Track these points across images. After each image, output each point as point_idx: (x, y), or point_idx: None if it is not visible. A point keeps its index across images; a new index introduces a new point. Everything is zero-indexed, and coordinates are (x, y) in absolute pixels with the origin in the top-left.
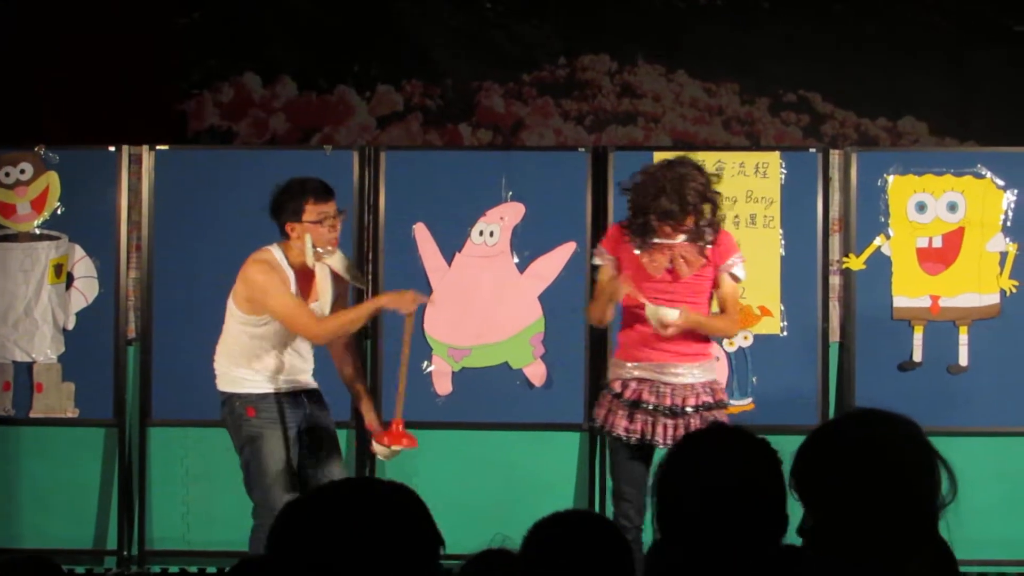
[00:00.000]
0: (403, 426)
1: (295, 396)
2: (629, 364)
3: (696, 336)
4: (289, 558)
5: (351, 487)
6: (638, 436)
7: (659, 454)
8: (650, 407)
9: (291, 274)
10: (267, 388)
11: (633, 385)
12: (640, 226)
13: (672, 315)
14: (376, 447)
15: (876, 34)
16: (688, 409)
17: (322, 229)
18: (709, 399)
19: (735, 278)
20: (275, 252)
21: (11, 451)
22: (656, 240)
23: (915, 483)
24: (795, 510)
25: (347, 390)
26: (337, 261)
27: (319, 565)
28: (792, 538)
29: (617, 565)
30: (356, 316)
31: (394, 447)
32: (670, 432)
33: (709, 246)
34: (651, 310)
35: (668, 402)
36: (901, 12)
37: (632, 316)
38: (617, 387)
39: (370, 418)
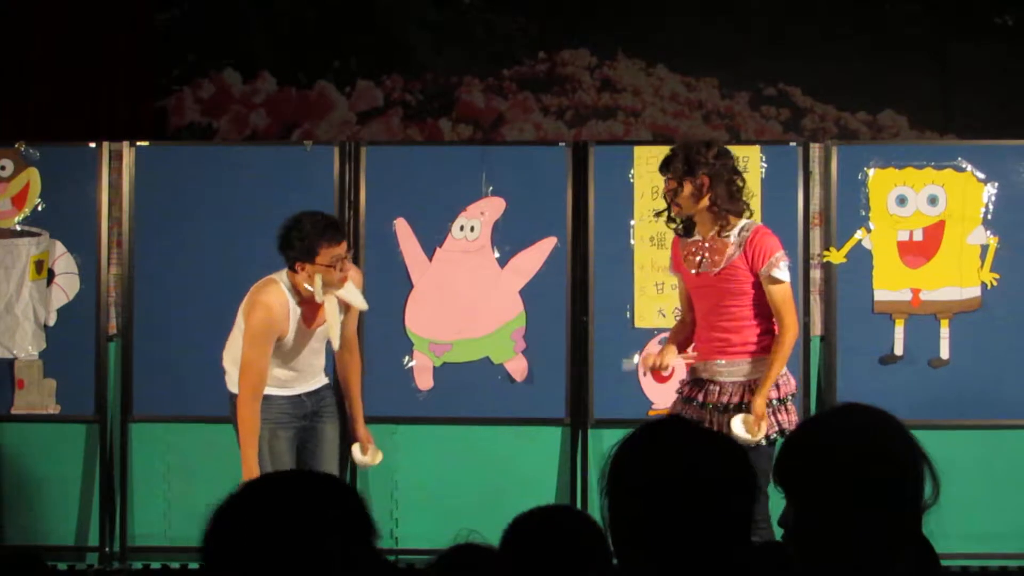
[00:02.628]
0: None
1: (293, 398)
2: (695, 365)
3: (741, 331)
4: (222, 559)
5: (275, 481)
6: None
7: None
8: (703, 405)
9: (295, 310)
10: (266, 391)
11: (690, 384)
12: (677, 219)
13: (753, 436)
14: (357, 455)
15: (856, 27)
16: (731, 406)
17: (334, 272)
18: (752, 397)
19: (775, 280)
20: (283, 283)
21: None
22: (694, 237)
23: (900, 480)
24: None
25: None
26: (344, 292)
27: (252, 558)
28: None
29: (597, 559)
30: (243, 444)
31: (374, 459)
32: (714, 429)
33: (731, 240)
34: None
35: (715, 399)
36: (881, 5)
37: (697, 315)
38: (681, 385)
39: (359, 427)
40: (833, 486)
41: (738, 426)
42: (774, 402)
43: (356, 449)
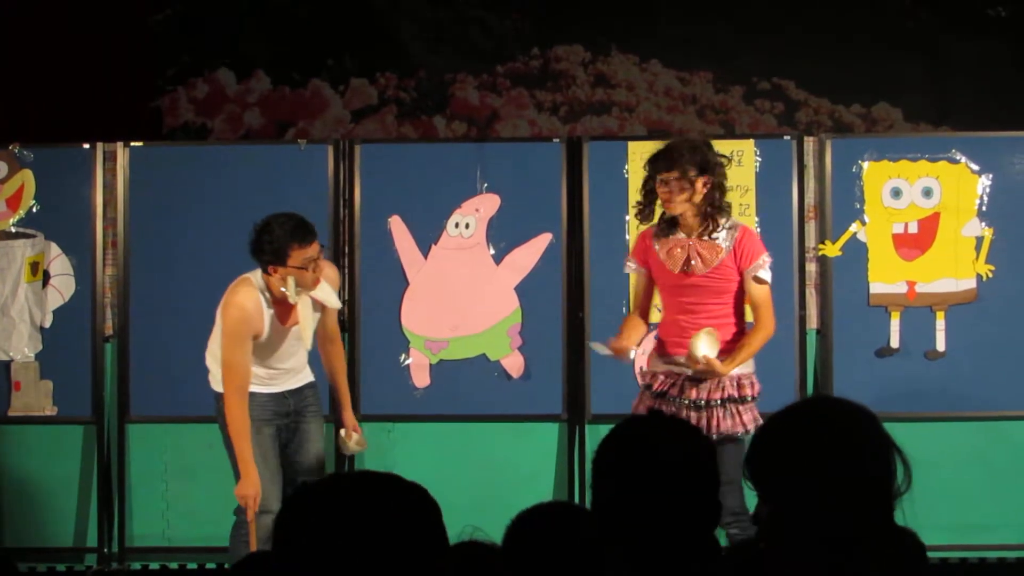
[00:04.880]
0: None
1: (277, 396)
2: (662, 359)
3: (720, 329)
4: (292, 549)
5: (360, 480)
6: None
7: None
8: (675, 399)
9: (268, 309)
10: (249, 388)
11: (661, 378)
12: (650, 212)
13: (719, 368)
14: (343, 441)
15: (849, 20)
16: (713, 402)
17: (307, 273)
18: (734, 393)
19: (760, 281)
20: (256, 283)
21: None
22: (674, 235)
23: (870, 472)
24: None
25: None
26: (319, 292)
27: (320, 557)
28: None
29: (597, 556)
30: (236, 441)
31: (360, 447)
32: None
33: (721, 241)
34: (694, 351)
35: (693, 395)
36: None
37: (668, 312)
38: (648, 379)
39: (346, 414)
40: (803, 479)
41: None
42: (748, 398)
43: (343, 435)
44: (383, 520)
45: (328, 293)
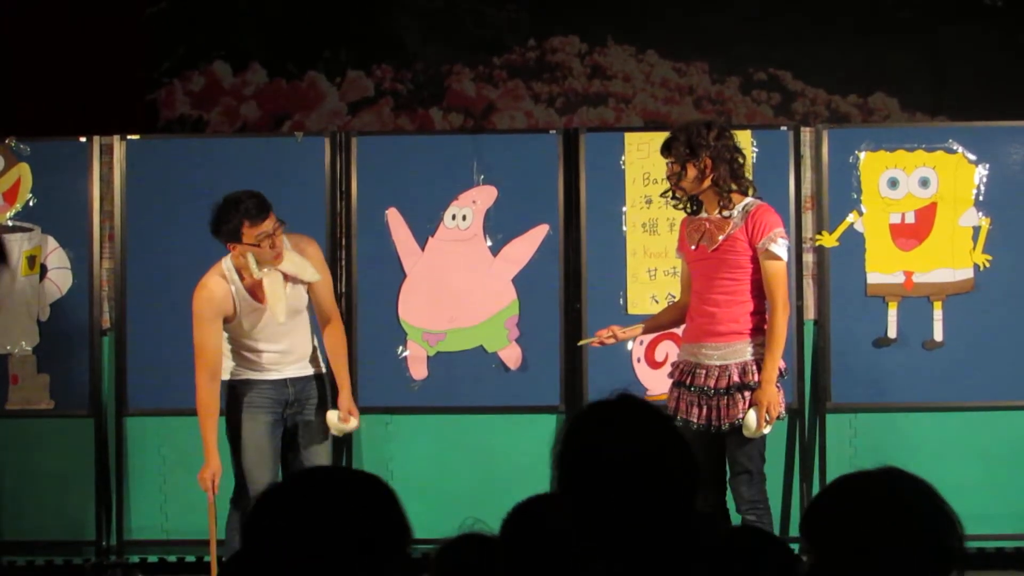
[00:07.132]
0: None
1: (277, 383)
2: (682, 347)
3: (730, 306)
4: (261, 547)
5: (321, 476)
6: (672, 414)
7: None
8: (691, 388)
9: (239, 288)
10: (244, 375)
11: (681, 367)
12: (679, 199)
13: (751, 422)
14: (332, 420)
15: (846, 10)
16: (720, 390)
17: (262, 250)
18: (738, 380)
19: (772, 256)
20: (226, 264)
21: None
22: (701, 215)
23: (933, 547)
24: None
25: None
26: (288, 266)
27: (290, 553)
28: None
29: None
30: (202, 423)
31: (349, 426)
32: (703, 413)
33: (734, 216)
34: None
35: (701, 382)
36: None
37: (693, 296)
38: (672, 369)
39: (342, 396)
40: (862, 547)
41: (751, 422)
42: (753, 385)
43: (333, 415)
44: (341, 512)
45: (300, 267)
